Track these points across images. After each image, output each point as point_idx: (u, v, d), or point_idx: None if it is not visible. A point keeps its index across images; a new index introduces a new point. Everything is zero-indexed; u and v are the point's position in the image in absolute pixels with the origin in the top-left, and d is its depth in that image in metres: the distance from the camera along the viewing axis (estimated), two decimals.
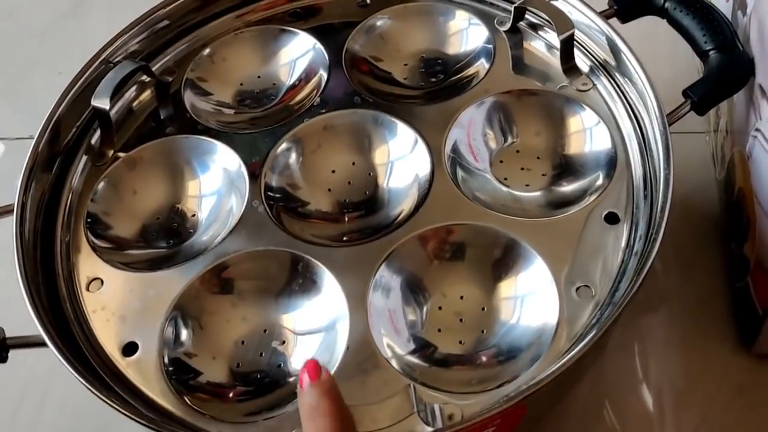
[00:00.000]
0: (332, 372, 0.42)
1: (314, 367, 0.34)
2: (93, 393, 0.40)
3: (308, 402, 0.33)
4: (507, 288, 0.45)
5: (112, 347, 0.45)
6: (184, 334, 0.45)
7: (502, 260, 0.46)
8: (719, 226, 0.58)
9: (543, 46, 0.56)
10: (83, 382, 0.40)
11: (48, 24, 0.81)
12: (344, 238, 0.48)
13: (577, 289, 0.44)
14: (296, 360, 0.44)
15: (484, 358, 0.43)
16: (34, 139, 0.51)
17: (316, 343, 0.44)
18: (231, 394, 0.43)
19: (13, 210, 0.48)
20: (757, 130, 0.46)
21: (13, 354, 0.44)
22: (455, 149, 0.51)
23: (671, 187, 0.44)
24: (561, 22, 0.52)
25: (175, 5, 0.57)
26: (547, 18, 0.54)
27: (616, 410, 0.52)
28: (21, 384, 0.56)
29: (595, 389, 0.52)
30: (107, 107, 0.52)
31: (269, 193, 0.50)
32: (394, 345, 0.43)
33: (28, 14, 0.83)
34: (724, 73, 0.48)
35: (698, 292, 0.56)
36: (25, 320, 0.43)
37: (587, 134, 0.51)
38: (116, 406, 0.40)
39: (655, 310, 0.56)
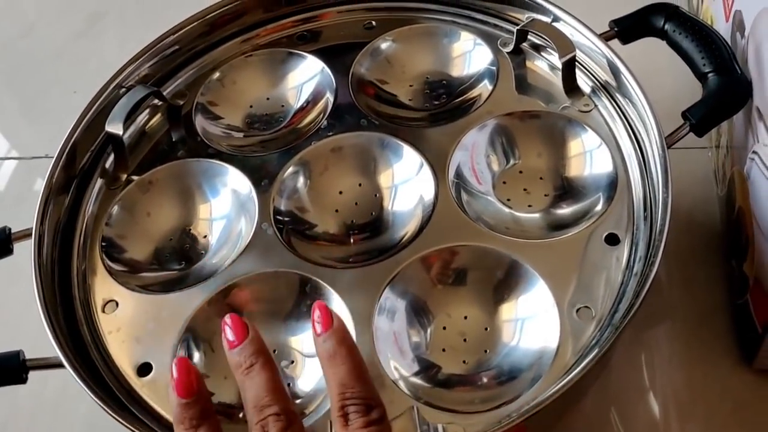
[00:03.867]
0: None
1: (326, 315, 0.37)
2: (107, 412, 0.42)
3: (326, 351, 0.36)
4: (509, 309, 0.46)
5: (127, 368, 0.46)
6: (196, 356, 0.46)
7: (505, 281, 0.47)
8: (721, 242, 0.59)
9: (546, 66, 0.57)
10: (98, 401, 0.42)
11: (63, 43, 0.83)
12: (350, 260, 0.49)
13: (578, 310, 0.45)
14: (304, 380, 0.45)
15: (486, 378, 0.44)
16: (50, 166, 0.52)
17: None
18: (241, 415, 0.44)
19: (31, 234, 0.49)
20: (755, 152, 0.47)
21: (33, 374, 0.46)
22: (459, 171, 0.52)
23: (669, 211, 0.45)
24: (562, 44, 0.53)
25: (183, 31, 0.58)
26: (549, 40, 0.55)
27: (623, 420, 0.52)
28: (40, 404, 0.57)
29: (602, 400, 0.53)
30: (120, 132, 0.53)
31: (278, 216, 0.51)
32: (399, 366, 0.44)
33: (45, 34, 0.85)
34: (722, 95, 0.49)
35: (700, 307, 0.56)
36: (44, 341, 0.45)
37: (589, 156, 0.52)
38: (130, 426, 0.41)
39: (660, 323, 0.57)
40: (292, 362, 0.47)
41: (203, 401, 0.37)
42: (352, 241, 0.51)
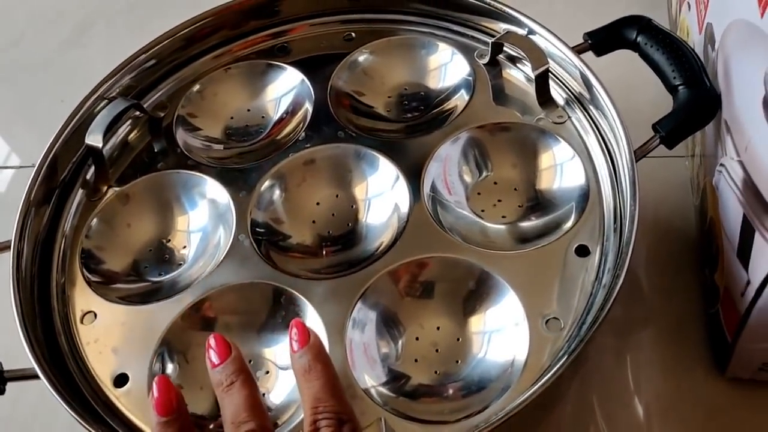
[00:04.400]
0: None
1: (303, 332, 0.38)
2: (81, 424, 0.42)
3: (302, 366, 0.37)
4: (480, 320, 0.47)
5: (104, 378, 0.47)
6: (171, 367, 0.47)
7: (476, 292, 0.48)
8: (697, 251, 0.59)
9: (522, 77, 0.58)
10: (72, 413, 0.43)
11: (52, 52, 0.84)
12: (325, 271, 0.50)
13: (547, 321, 0.46)
14: (278, 391, 0.46)
15: (456, 389, 0.45)
16: (29, 180, 0.53)
17: None
18: (212, 426, 0.45)
19: (10, 247, 0.50)
20: (722, 165, 0.48)
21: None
22: (433, 183, 0.52)
23: (636, 224, 0.45)
24: (535, 57, 0.54)
25: (158, 47, 0.59)
26: (523, 53, 0.56)
27: (607, 420, 0.53)
28: (26, 413, 0.58)
29: (587, 403, 0.53)
30: (100, 145, 0.54)
31: (255, 228, 0.52)
32: (370, 377, 0.45)
33: (33, 43, 0.86)
34: (691, 108, 0.50)
35: (678, 315, 0.57)
36: (24, 351, 0.46)
37: (562, 167, 0.53)
38: None
39: (643, 329, 0.57)
40: (267, 373, 0.47)
41: (182, 419, 0.38)
42: (324, 252, 0.51)
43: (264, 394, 0.46)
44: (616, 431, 0.53)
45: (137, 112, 0.59)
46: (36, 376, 0.44)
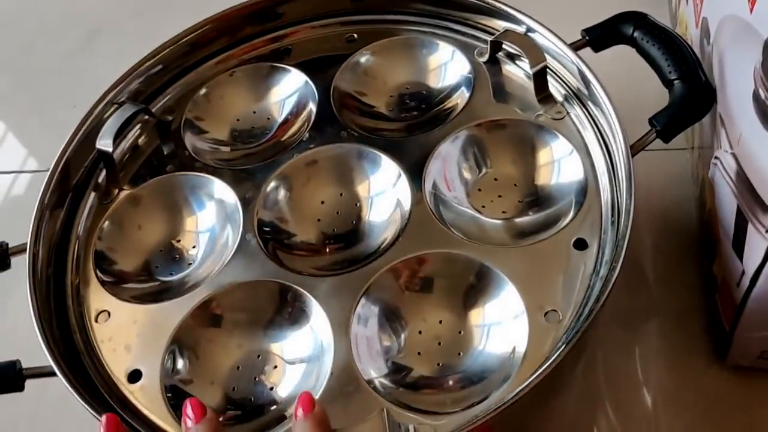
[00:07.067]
0: (317, 396, 0.45)
1: (308, 400, 0.39)
2: (96, 418, 0.44)
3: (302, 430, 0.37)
4: (480, 313, 0.48)
5: (119, 374, 0.49)
6: (181, 363, 0.48)
7: (476, 286, 0.49)
8: (697, 242, 0.60)
9: (522, 74, 0.59)
10: (87, 408, 0.44)
11: (61, 60, 0.86)
12: (330, 268, 0.51)
13: (546, 313, 0.47)
14: (284, 385, 0.48)
15: (457, 380, 0.46)
16: (43, 183, 0.55)
17: (302, 369, 0.47)
18: (221, 419, 0.46)
19: (26, 249, 0.52)
20: (717, 158, 0.49)
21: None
22: (434, 181, 0.53)
23: (632, 218, 0.46)
24: (533, 55, 0.55)
25: (164, 53, 0.60)
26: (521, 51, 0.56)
27: (615, 409, 0.54)
28: (42, 408, 0.59)
29: (593, 388, 0.55)
30: (110, 149, 0.56)
31: (262, 228, 0.53)
32: (373, 369, 0.46)
33: (42, 51, 0.88)
34: (686, 102, 0.50)
35: (680, 305, 0.58)
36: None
37: (560, 162, 0.54)
38: None
39: (648, 318, 0.58)
40: (275, 367, 0.49)
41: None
42: (327, 250, 0.53)
43: (272, 388, 0.48)
44: (624, 419, 0.54)
45: (146, 117, 0.60)
46: (53, 374, 0.46)
